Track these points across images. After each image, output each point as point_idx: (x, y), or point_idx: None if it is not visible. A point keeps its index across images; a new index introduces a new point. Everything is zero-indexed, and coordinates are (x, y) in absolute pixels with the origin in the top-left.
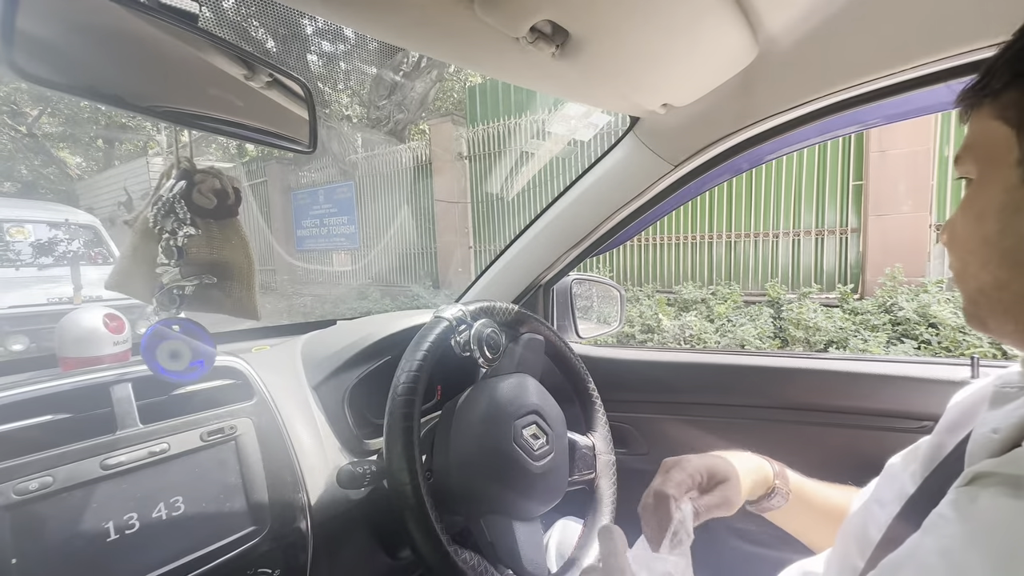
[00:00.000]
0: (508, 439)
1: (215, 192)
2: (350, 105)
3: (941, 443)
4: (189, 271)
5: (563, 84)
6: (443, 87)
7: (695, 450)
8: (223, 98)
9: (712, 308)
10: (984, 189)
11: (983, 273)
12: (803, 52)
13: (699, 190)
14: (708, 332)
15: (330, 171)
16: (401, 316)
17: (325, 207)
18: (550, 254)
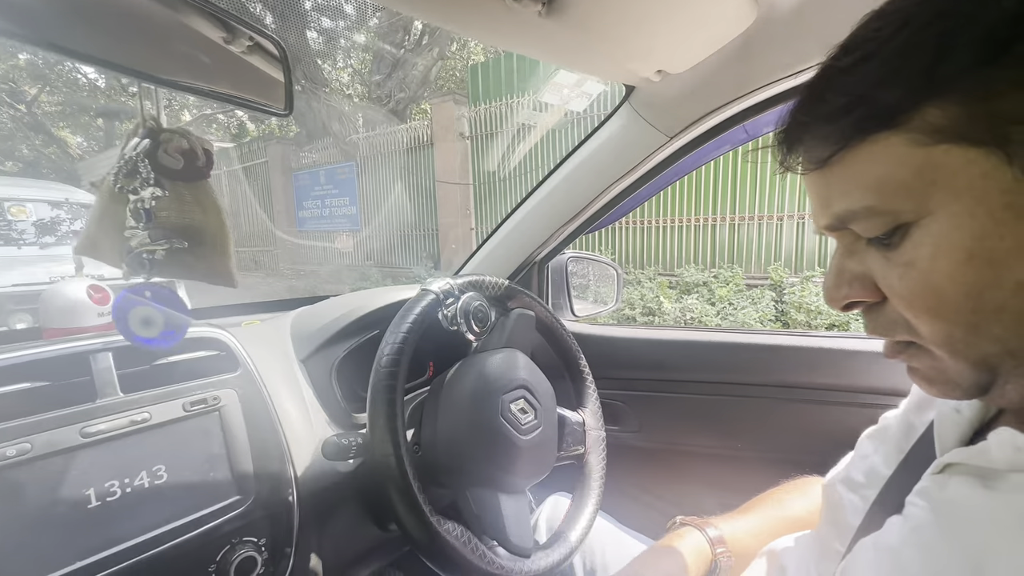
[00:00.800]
0: (495, 413)
1: (182, 152)
2: (351, 84)
3: (911, 423)
4: (158, 235)
5: (552, 47)
6: (445, 65)
7: (689, 428)
8: (194, 55)
9: (714, 291)
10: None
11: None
12: (804, 14)
13: (697, 163)
14: (710, 315)
15: (331, 151)
16: (391, 290)
17: (326, 188)
18: (544, 230)
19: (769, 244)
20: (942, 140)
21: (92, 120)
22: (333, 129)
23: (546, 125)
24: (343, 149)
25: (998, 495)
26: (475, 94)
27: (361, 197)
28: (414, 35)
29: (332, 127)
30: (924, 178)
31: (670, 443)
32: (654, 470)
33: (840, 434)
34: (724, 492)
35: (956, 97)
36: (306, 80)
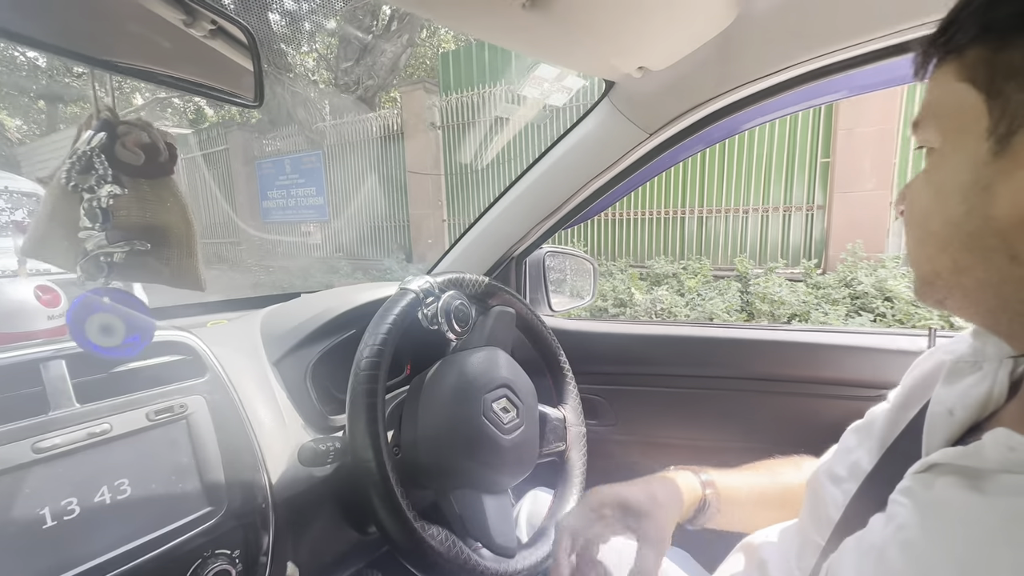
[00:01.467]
0: (477, 412)
1: (143, 147)
2: (317, 69)
3: (895, 419)
4: (117, 236)
5: (534, 40)
6: (415, 53)
7: (666, 422)
8: (151, 39)
9: (683, 282)
10: (948, 161)
11: (942, 256)
12: (784, 14)
13: (673, 160)
14: (679, 306)
15: (296, 139)
16: (367, 288)
17: (292, 177)
18: (522, 226)
19: (735, 236)
20: (968, 80)
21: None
22: (298, 116)
23: (521, 117)
24: (309, 137)
25: (986, 497)
26: (446, 83)
27: (329, 187)
28: (382, 20)
29: (297, 114)
30: (948, 109)
31: (648, 436)
32: (632, 463)
33: (816, 427)
34: None
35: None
36: (269, 65)
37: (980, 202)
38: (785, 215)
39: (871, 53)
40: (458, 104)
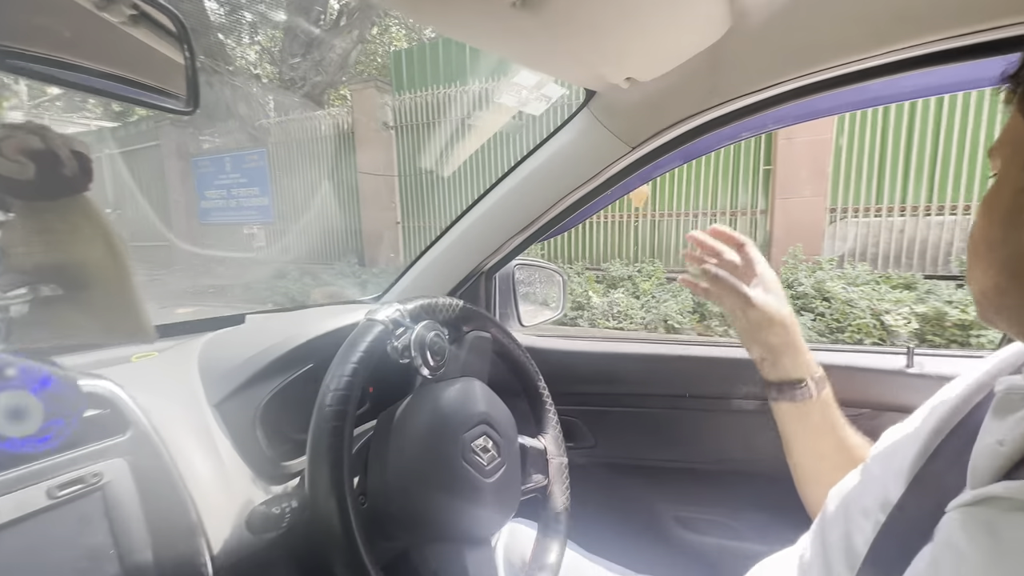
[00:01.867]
0: (456, 454)
1: (31, 155)
2: (259, 63)
3: (925, 447)
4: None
5: (521, 44)
6: (366, 50)
7: (643, 442)
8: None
9: (638, 285)
10: (998, 188)
11: (985, 277)
12: (777, 29)
13: (651, 174)
14: (635, 308)
15: (237, 136)
16: (325, 314)
17: (233, 176)
18: (494, 239)
19: (686, 239)
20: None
21: None
22: (239, 112)
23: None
24: (252, 135)
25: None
26: (399, 82)
27: (274, 187)
28: (331, 15)
29: (238, 110)
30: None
31: (628, 459)
32: (612, 486)
33: None
34: (686, 505)
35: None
36: (205, 56)
37: (1015, 228)
38: (732, 219)
39: (864, 71)
40: (412, 104)
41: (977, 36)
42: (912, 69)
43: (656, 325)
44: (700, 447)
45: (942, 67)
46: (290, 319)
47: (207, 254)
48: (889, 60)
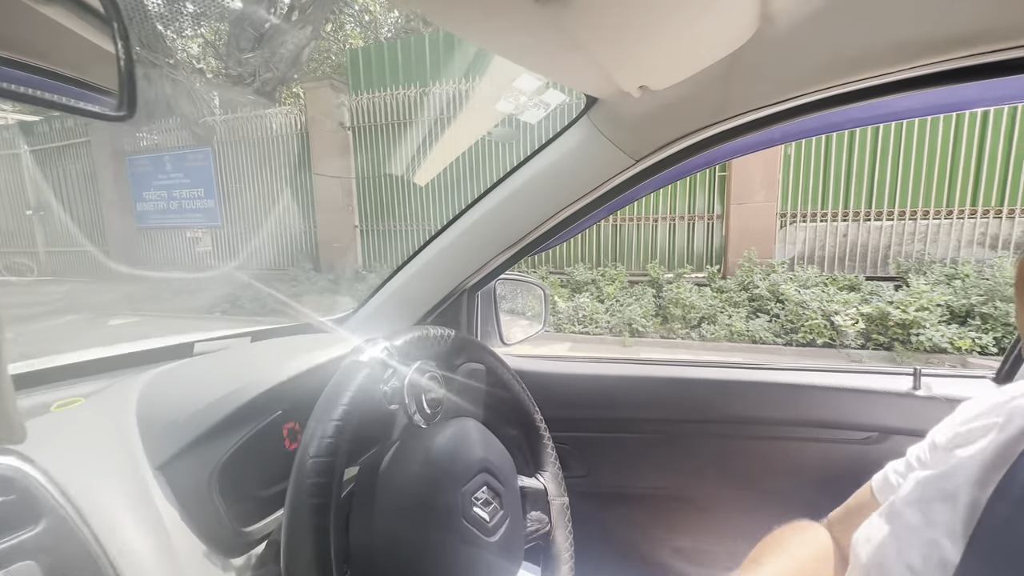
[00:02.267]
0: (455, 512)
1: None
2: (203, 57)
3: (973, 500)
4: None
5: (530, 42)
6: (320, 47)
7: (638, 470)
8: None
9: (602, 289)
10: None
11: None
12: (797, 38)
13: (648, 189)
14: (600, 312)
15: (179, 134)
16: (293, 348)
17: (174, 176)
18: (480, 255)
19: (647, 243)
20: None
21: None
22: (181, 108)
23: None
24: (195, 132)
25: None
26: (356, 81)
27: (221, 189)
28: (281, 9)
29: (180, 106)
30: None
31: (622, 487)
32: (605, 517)
33: (801, 471)
34: (684, 536)
35: None
36: (142, 47)
37: None
38: (690, 223)
39: (883, 86)
40: (370, 104)
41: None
42: (933, 85)
43: (621, 329)
44: (699, 474)
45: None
46: (249, 357)
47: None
48: (911, 75)
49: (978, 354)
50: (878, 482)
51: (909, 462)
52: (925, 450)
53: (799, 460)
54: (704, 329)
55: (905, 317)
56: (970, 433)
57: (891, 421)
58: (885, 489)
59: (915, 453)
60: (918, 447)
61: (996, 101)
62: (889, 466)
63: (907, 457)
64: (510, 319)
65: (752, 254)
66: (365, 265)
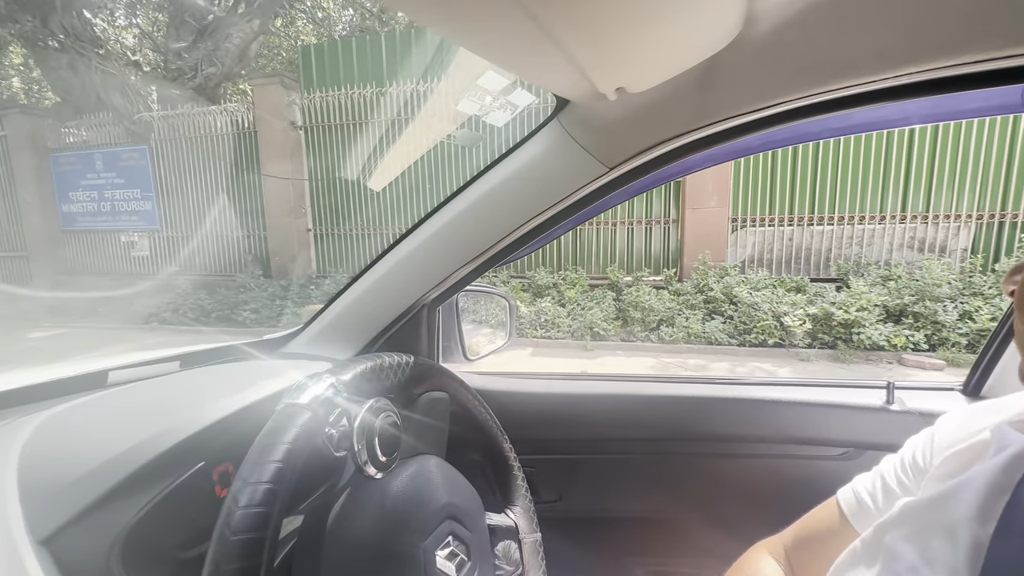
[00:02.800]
0: (418, 573)
1: None
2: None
3: (975, 538)
4: None
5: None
6: (268, 42)
7: (611, 492)
8: None
9: (563, 292)
10: None
11: None
12: (779, 42)
13: (621, 198)
14: (561, 316)
15: (111, 130)
16: (226, 383)
17: (106, 176)
18: (440, 268)
19: (606, 247)
20: None
21: None
22: (113, 102)
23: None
24: (130, 129)
25: None
26: (308, 79)
27: (160, 189)
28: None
29: (111, 100)
30: None
31: (596, 511)
32: (579, 542)
33: (779, 489)
34: (661, 559)
35: None
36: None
37: None
38: (647, 228)
39: (864, 95)
40: (323, 104)
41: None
42: (913, 96)
43: (583, 333)
44: (675, 495)
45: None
46: (172, 387)
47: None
48: (892, 85)
49: (911, 350)
50: (850, 505)
51: (887, 484)
52: (907, 471)
53: (776, 477)
54: (663, 331)
55: (847, 317)
56: (959, 456)
57: (866, 436)
58: (862, 516)
59: (892, 473)
60: (892, 466)
61: (975, 113)
62: (858, 483)
63: (880, 475)
64: (473, 329)
65: (706, 257)
66: (320, 271)
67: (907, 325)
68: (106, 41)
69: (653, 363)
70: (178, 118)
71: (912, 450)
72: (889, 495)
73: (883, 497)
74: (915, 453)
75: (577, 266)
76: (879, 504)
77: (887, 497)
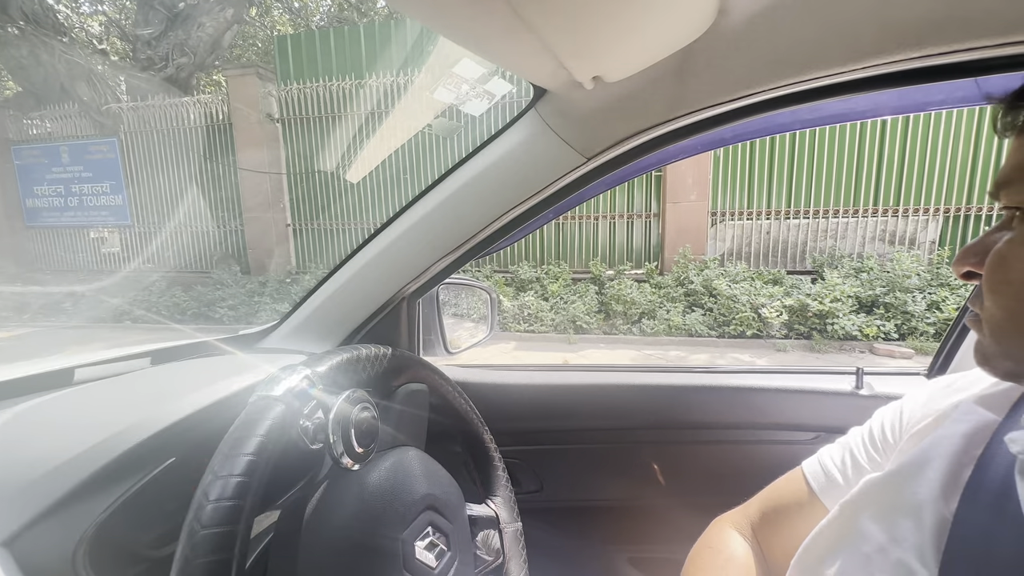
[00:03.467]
0: (397, 567)
1: None
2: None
3: (939, 517)
4: None
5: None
6: (243, 32)
7: (592, 481)
8: None
9: (546, 287)
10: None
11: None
12: (753, 33)
13: (599, 189)
14: (544, 310)
15: (78, 122)
16: (199, 377)
17: (73, 170)
18: (419, 260)
19: (588, 241)
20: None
21: None
22: (79, 93)
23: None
24: (97, 121)
25: None
26: (284, 71)
27: (131, 184)
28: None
29: (77, 90)
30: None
31: (578, 500)
32: (560, 531)
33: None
34: (640, 545)
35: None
36: (27, 21)
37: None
38: (629, 222)
39: (836, 86)
40: (301, 96)
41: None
42: (882, 87)
43: (566, 327)
44: (654, 482)
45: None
46: (141, 382)
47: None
48: (862, 76)
49: (883, 340)
50: (818, 479)
51: (856, 459)
52: (877, 446)
53: (751, 462)
54: (644, 324)
55: (822, 308)
56: (923, 433)
57: (837, 420)
58: (828, 488)
59: (861, 447)
60: (860, 439)
61: (939, 105)
62: (824, 456)
63: (848, 449)
64: (455, 322)
65: (687, 251)
66: (299, 266)
67: (879, 315)
68: (70, 28)
69: (635, 355)
70: (149, 110)
71: (881, 423)
72: (859, 470)
73: (852, 472)
74: (884, 427)
75: (560, 260)
76: (848, 478)
77: (856, 472)
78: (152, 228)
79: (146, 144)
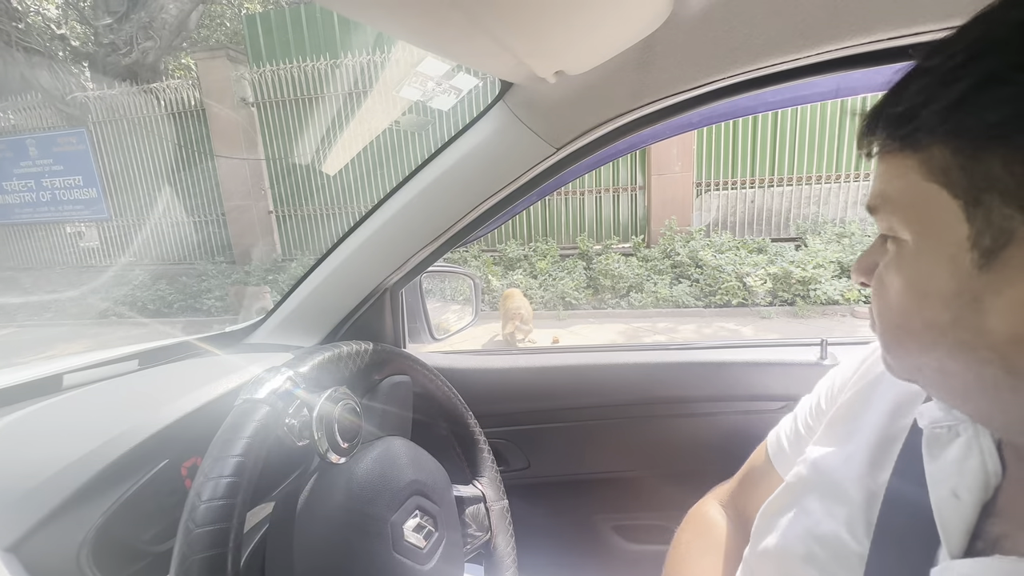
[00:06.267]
0: (385, 548)
1: None
2: (64, 21)
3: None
4: None
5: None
6: (209, 12)
7: (577, 456)
8: None
9: (534, 264)
10: (923, 261)
11: (926, 356)
12: (709, 23)
13: (571, 176)
14: (534, 288)
15: (43, 113)
16: (186, 380)
17: (42, 163)
18: (400, 252)
19: (575, 216)
20: (940, 183)
21: None
22: (40, 82)
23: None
24: (63, 111)
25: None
26: (256, 52)
27: (106, 176)
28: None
29: (38, 79)
30: (916, 207)
31: (563, 475)
32: (548, 505)
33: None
34: (624, 514)
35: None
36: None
37: (970, 313)
38: (615, 195)
39: (793, 70)
40: (275, 78)
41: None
42: (837, 71)
43: (555, 303)
44: (634, 455)
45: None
46: (130, 387)
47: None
48: (816, 61)
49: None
50: (774, 448)
51: (797, 428)
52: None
53: (724, 432)
54: (632, 298)
55: (805, 275)
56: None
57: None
58: (780, 456)
59: (803, 417)
60: (805, 409)
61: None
62: (781, 426)
63: (795, 418)
64: (441, 307)
65: (672, 223)
66: (285, 254)
67: None
68: (25, 13)
69: (624, 328)
70: (117, 98)
71: (819, 393)
72: (799, 438)
73: (795, 440)
74: (820, 396)
75: (547, 237)
76: (793, 446)
77: (797, 441)
78: (131, 221)
79: (117, 134)
